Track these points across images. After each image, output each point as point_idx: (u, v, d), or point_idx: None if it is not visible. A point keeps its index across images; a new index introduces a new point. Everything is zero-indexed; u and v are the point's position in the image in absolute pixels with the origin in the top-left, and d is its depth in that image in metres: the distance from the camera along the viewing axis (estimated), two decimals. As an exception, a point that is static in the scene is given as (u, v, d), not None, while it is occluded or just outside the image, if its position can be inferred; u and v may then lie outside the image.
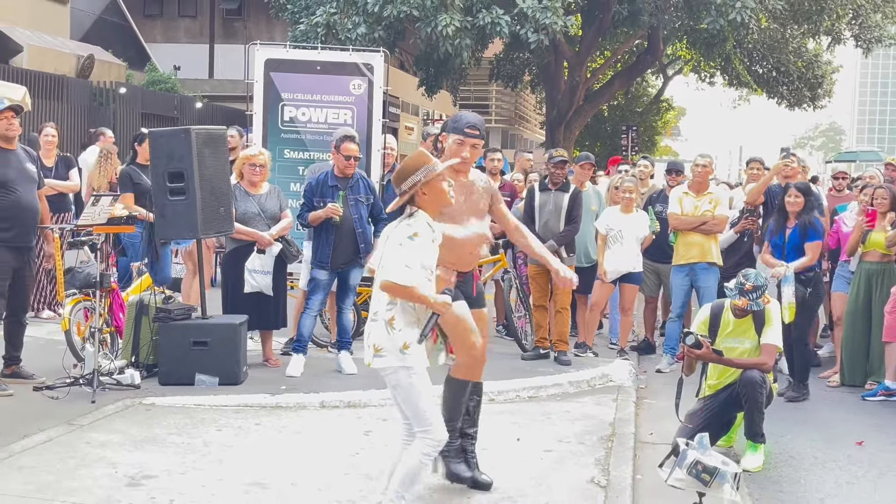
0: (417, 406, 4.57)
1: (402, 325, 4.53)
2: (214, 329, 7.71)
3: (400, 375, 4.53)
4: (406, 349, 4.52)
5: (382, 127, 11.03)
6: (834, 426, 7.58)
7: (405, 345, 4.52)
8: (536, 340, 9.31)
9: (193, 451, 6.00)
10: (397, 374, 4.53)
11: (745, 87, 33.67)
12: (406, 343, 4.52)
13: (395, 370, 4.53)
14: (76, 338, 7.81)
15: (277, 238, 8.29)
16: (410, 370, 4.52)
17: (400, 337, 4.52)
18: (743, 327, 6.48)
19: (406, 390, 4.55)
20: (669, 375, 9.02)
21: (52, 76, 20.02)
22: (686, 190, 9.34)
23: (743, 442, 6.51)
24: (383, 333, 4.54)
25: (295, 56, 11.60)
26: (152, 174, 7.90)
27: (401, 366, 4.52)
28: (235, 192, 8.33)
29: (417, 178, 4.55)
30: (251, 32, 30.47)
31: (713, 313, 6.62)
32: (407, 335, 4.53)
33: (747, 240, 9.74)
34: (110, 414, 6.71)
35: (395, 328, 4.52)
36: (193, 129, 7.78)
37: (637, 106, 39.78)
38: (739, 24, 20.91)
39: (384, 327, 4.54)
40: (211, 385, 7.55)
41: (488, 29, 20.09)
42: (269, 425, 6.71)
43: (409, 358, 4.52)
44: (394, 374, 4.54)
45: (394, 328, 4.52)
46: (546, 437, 6.68)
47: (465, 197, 5.37)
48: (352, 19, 20.06)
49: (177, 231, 7.85)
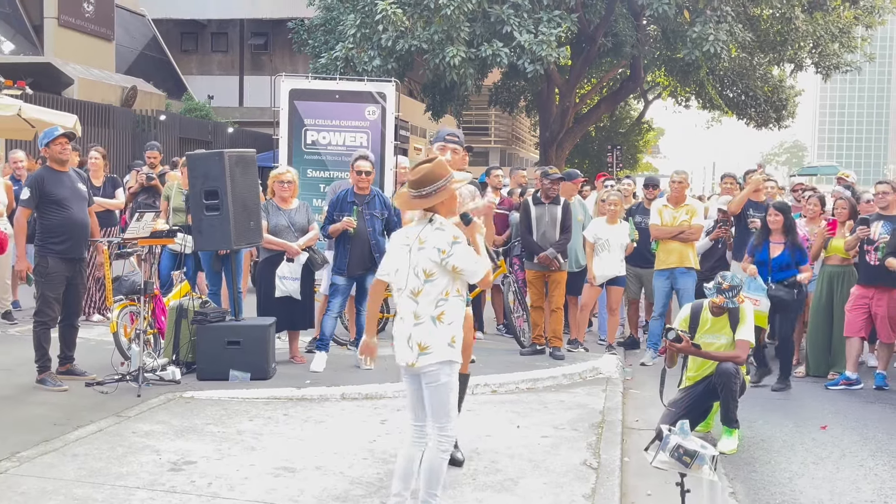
0: (448, 401, 4.36)
1: (452, 318, 4.36)
2: (246, 330, 7.71)
3: (444, 371, 4.32)
4: (454, 342, 4.35)
5: (394, 148, 11.04)
6: (801, 412, 7.56)
7: (453, 338, 4.35)
8: (533, 338, 9.29)
9: (228, 439, 6.00)
10: (442, 369, 4.32)
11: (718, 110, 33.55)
12: (454, 337, 4.35)
13: (441, 366, 4.32)
14: (123, 339, 7.82)
15: (305, 248, 8.31)
16: (454, 365, 4.36)
17: (448, 331, 4.34)
18: (719, 324, 6.47)
19: (445, 385, 4.34)
20: (652, 368, 9.01)
21: (100, 105, 20.08)
22: (665, 203, 9.34)
23: (719, 427, 6.50)
24: (431, 329, 4.32)
25: (316, 86, 11.65)
26: (190, 193, 7.91)
27: (448, 360, 4.33)
28: (268, 208, 8.36)
29: (443, 184, 4.40)
30: (276, 65, 30.53)
31: (693, 312, 6.61)
32: (455, 329, 4.36)
33: (721, 246, 9.76)
34: (154, 406, 6.72)
35: (444, 322, 4.34)
36: (226, 152, 7.79)
37: (621, 127, 39.74)
38: (712, 54, 20.91)
39: (431, 323, 4.32)
40: (243, 380, 7.55)
41: (489, 60, 20.12)
42: (295, 415, 6.71)
43: (454, 352, 4.36)
44: (438, 370, 4.32)
45: (442, 322, 4.33)
46: (543, 424, 6.66)
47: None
48: (367, 53, 20.11)
49: (213, 243, 7.85)
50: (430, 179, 4.39)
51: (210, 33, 34.04)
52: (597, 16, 23.11)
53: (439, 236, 4.36)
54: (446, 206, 4.47)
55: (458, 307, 4.41)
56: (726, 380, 6.26)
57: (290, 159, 11.02)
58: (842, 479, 5.83)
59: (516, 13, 20.14)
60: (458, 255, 4.33)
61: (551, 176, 9.24)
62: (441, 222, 4.42)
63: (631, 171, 39.39)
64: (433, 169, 4.42)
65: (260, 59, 33.59)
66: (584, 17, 22.52)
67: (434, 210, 4.44)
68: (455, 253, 4.32)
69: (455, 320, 4.38)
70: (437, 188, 4.38)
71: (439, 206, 4.44)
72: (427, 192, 4.39)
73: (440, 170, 4.43)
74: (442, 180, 4.39)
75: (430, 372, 4.34)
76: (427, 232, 4.40)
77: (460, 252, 4.33)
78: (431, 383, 4.35)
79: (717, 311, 6.43)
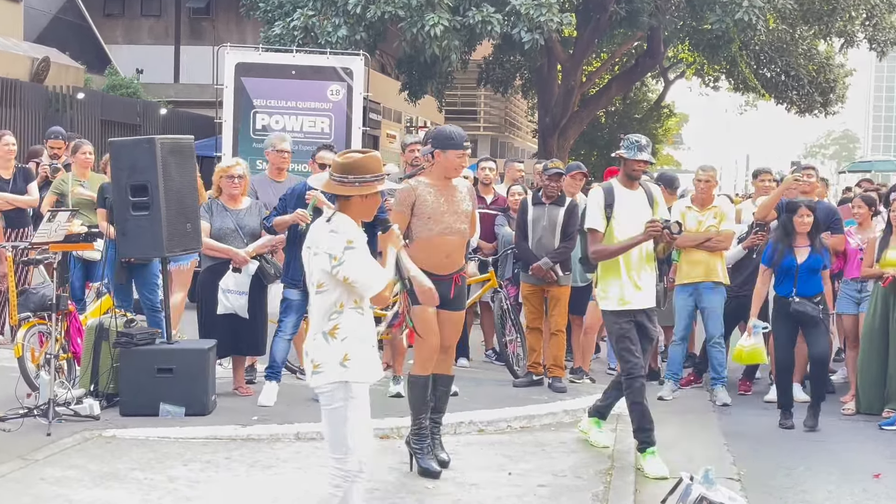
0: (342, 430, 4.49)
1: (347, 332, 4.50)
2: (180, 355, 7.69)
3: (337, 394, 4.47)
4: (346, 361, 4.47)
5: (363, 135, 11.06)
6: (849, 457, 7.61)
7: (346, 356, 4.47)
8: (529, 365, 9.31)
9: (157, 488, 5.98)
10: (334, 392, 4.47)
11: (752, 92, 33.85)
12: (347, 354, 4.47)
13: (334, 388, 4.47)
14: (30, 365, 7.76)
15: (255, 256, 8.27)
16: (348, 387, 4.46)
17: (341, 348, 4.48)
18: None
19: (337, 413, 4.48)
20: (672, 404, 9.05)
21: (4, 80, 19.96)
22: (689, 204, 9.38)
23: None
24: (323, 346, 4.50)
25: (268, 59, 11.68)
26: (114, 187, 7.88)
27: (339, 381, 4.46)
28: (213, 207, 8.34)
29: (371, 181, 4.58)
30: (220, 34, 30.47)
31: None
32: (349, 346, 4.49)
33: (756, 256, 9.76)
34: (67, 448, 6.67)
35: (336, 337, 4.49)
36: (158, 138, 7.78)
37: (636, 112, 39.95)
38: (746, 24, 21.04)
39: (323, 339, 4.51)
40: (177, 416, 7.52)
41: (478, 28, 20.13)
42: (240, 459, 6.69)
43: (349, 372, 4.47)
44: (330, 393, 4.48)
45: (335, 338, 4.49)
46: (540, 471, 6.68)
47: (445, 198, 6.51)
48: (332, 21, 20.09)
49: (140, 249, 7.83)
50: (360, 169, 4.57)
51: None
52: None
53: (332, 240, 4.48)
54: (362, 206, 4.61)
55: (357, 321, 4.55)
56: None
57: (236, 148, 11.02)
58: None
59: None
60: (350, 264, 4.46)
61: (550, 171, 9.27)
62: (338, 223, 4.53)
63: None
64: (367, 160, 4.61)
65: (200, 25, 33.53)
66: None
67: (346, 208, 4.57)
68: (346, 261, 4.45)
69: (350, 335, 4.50)
70: (363, 181, 4.55)
71: (355, 203, 4.58)
72: (348, 181, 4.55)
73: (375, 163, 4.64)
74: (373, 175, 4.58)
75: (323, 393, 4.52)
76: (321, 234, 4.54)
77: (353, 260, 4.46)
78: (325, 406, 4.53)
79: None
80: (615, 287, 7.08)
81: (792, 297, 8.29)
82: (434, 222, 6.49)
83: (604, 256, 7.14)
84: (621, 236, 7.06)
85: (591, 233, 7.19)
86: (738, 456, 7.49)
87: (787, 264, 8.39)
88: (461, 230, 6.60)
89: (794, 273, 8.34)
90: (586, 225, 7.27)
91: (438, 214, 6.49)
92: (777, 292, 8.50)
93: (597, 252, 7.17)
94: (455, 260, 6.61)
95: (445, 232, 6.50)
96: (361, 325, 4.57)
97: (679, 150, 58.60)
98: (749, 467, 7.16)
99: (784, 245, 8.47)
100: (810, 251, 8.37)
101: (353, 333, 4.52)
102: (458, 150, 6.49)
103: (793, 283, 8.32)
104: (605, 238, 7.09)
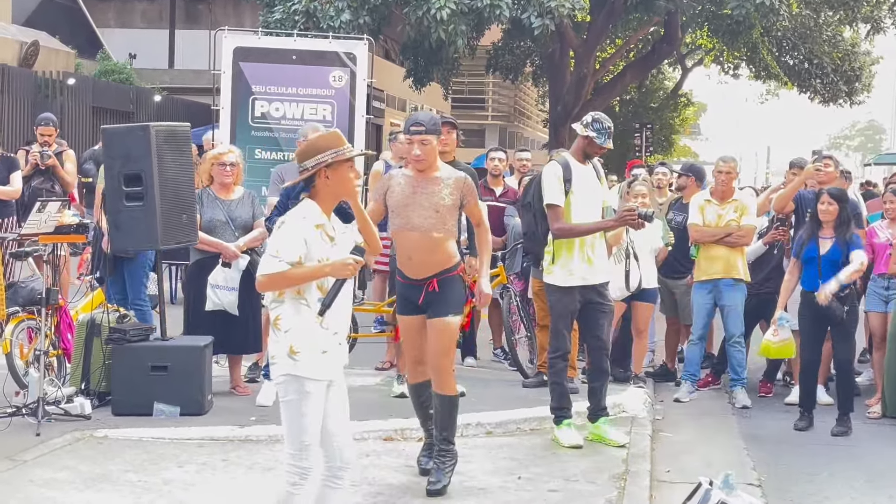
0: (298, 424, 4.47)
1: (290, 324, 4.46)
2: (175, 352, 7.70)
3: (288, 387, 4.45)
4: (294, 354, 4.43)
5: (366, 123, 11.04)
6: (875, 463, 7.60)
7: (291, 349, 4.43)
8: (539, 365, 9.31)
9: (151, 491, 5.99)
10: (287, 385, 4.46)
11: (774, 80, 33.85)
12: (293, 347, 4.43)
13: (286, 380, 4.46)
14: (18, 361, 7.79)
15: (245, 250, 8.26)
16: (300, 381, 4.43)
17: (286, 339, 4.44)
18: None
19: (290, 405, 4.46)
20: (689, 406, 9.06)
21: (-8, 65, 20.02)
22: (708, 197, 9.35)
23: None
24: (273, 338, 4.52)
25: (267, 44, 11.66)
26: (106, 177, 7.88)
27: (290, 374, 4.44)
28: (203, 198, 8.30)
29: (324, 159, 4.51)
30: (217, 17, 30.49)
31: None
32: (294, 337, 4.43)
33: (777, 252, 9.76)
34: (57, 448, 6.69)
35: (280, 329, 4.47)
36: (153, 125, 7.78)
37: (652, 101, 39.93)
38: (768, 8, 21.02)
39: (272, 330, 4.52)
40: (171, 416, 7.53)
41: (487, 12, 20.14)
42: (237, 461, 6.71)
43: (299, 365, 4.43)
44: (283, 385, 4.48)
45: (279, 329, 4.47)
46: (551, 476, 6.68)
47: (413, 189, 6.14)
48: (334, 5, 20.11)
49: (133, 241, 7.84)
50: (312, 151, 4.55)
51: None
52: (624, -40, 23.21)
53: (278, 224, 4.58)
54: (330, 185, 4.54)
55: (297, 311, 4.46)
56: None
57: (234, 136, 11.01)
58: (926, 547, 5.87)
59: (521, -46, 20.18)
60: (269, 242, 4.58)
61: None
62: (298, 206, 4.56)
63: (664, 156, 39.55)
64: (318, 140, 4.61)
65: (196, 8, 33.55)
66: (607, -39, 22.63)
67: (313, 194, 4.55)
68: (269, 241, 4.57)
69: (293, 327, 4.45)
70: (316, 163, 4.50)
71: (321, 184, 4.53)
72: (303, 167, 4.56)
73: (325, 141, 4.57)
74: (325, 153, 4.51)
75: (279, 385, 4.53)
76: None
77: (270, 241, 4.56)
78: (280, 399, 4.54)
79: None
80: (566, 262, 7.33)
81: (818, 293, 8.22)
82: (395, 215, 6.24)
83: (569, 235, 7.31)
84: (578, 211, 7.28)
85: (551, 209, 7.32)
86: (759, 461, 7.48)
87: (809, 255, 8.34)
88: (423, 226, 6.13)
89: (816, 265, 8.29)
90: (546, 200, 7.39)
91: (400, 207, 6.19)
92: (803, 287, 8.44)
93: (561, 230, 7.31)
94: (422, 262, 6.22)
95: (405, 227, 6.18)
96: (305, 316, 4.46)
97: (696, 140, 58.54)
98: (770, 473, 7.16)
99: (807, 235, 8.43)
100: (834, 242, 8.32)
101: (297, 325, 4.45)
102: (406, 135, 6.22)
103: (818, 276, 8.27)
104: (564, 213, 7.27)
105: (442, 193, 6.15)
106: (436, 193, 6.15)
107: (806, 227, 8.62)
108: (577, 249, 7.31)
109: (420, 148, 6.09)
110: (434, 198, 6.13)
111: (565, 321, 7.46)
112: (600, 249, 7.44)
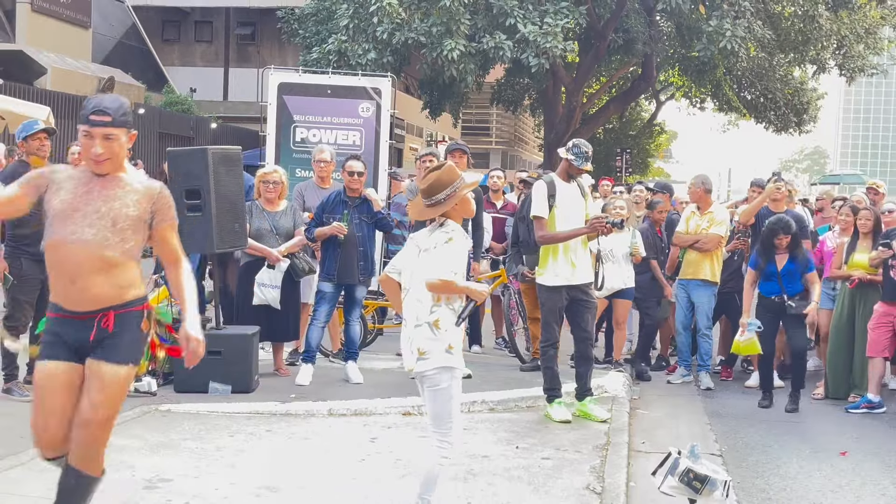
0: (447, 408, 4.59)
1: (448, 325, 4.57)
2: (228, 339, 7.71)
3: (443, 377, 4.55)
4: (451, 349, 4.56)
5: (389, 148, 11.05)
6: (819, 437, 7.58)
7: (450, 346, 4.55)
8: (534, 352, 9.30)
9: (207, 456, 6.00)
10: (440, 375, 4.55)
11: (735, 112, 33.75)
12: (451, 344, 4.56)
13: (439, 371, 4.55)
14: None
15: (287, 255, 8.31)
16: (453, 371, 4.57)
17: (446, 338, 4.55)
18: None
19: (444, 392, 4.57)
20: (662, 388, 9.03)
21: (75, 97, 20.07)
22: (694, 209, 9.43)
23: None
24: (428, 336, 4.56)
25: (307, 80, 11.66)
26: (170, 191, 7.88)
27: (445, 366, 4.55)
28: (252, 209, 8.35)
29: (453, 190, 4.62)
30: (264, 57, 30.57)
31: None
32: (452, 336, 4.57)
33: (737, 258, 9.76)
34: (129, 420, 6.70)
35: (441, 328, 4.55)
36: (210, 148, 7.80)
37: (631, 129, 39.86)
38: (729, 52, 21.00)
39: (429, 330, 4.56)
40: (224, 393, 7.55)
41: (491, 53, 20.19)
42: (279, 431, 6.72)
43: (452, 359, 4.57)
44: (437, 376, 4.55)
45: (440, 329, 4.55)
46: (544, 445, 6.67)
47: (86, 189, 3.92)
48: (362, 46, 20.16)
49: (193, 246, 7.83)
50: (440, 186, 4.63)
51: (193, 21, 34.11)
52: (607, 10, 23.19)
53: (437, 237, 4.62)
54: (458, 210, 4.70)
55: (450, 316, 4.60)
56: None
57: (278, 158, 11.03)
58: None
59: (521, 4, 20.20)
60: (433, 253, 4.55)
61: (528, 181, 9.39)
62: (450, 226, 4.65)
63: (641, 176, 39.47)
64: (440, 176, 4.66)
65: (246, 50, 33.66)
66: (593, 11, 22.59)
67: (447, 215, 4.67)
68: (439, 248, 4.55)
69: (450, 329, 4.58)
70: (448, 195, 4.62)
71: (451, 211, 4.67)
72: (436, 200, 4.63)
73: (449, 176, 4.67)
74: (450, 187, 4.63)
75: (428, 377, 4.57)
76: (437, 237, 4.64)
77: (440, 248, 4.55)
78: (432, 388, 4.58)
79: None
80: (553, 265, 7.39)
81: (783, 299, 8.28)
82: (58, 221, 3.93)
83: (550, 241, 7.38)
84: (562, 222, 7.33)
85: (536, 220, 7.41)
86: (720, 434, 7.48)
87: (769, 270, 8.40)
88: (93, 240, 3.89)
89: (776, 278, 8.34)
90: (532, 213, 7.47)
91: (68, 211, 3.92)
92: (761, 291, 8.49)
93: (544, 237, 7.41)
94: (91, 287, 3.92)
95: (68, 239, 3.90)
96: (453, 320, 4.62)
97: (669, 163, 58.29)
98: (729, 444, 7.15)
99: (764, 260, 8.43)
100: (788, 258, 8.36)
101: (452, 328, 4.58)
102: (85, 124, 3.89)
103: (775, 285, 8.34)
104: (548, 224, 7.32)
105: (134, 205, 4.02)
106: (118, 198, 3.97)
107: (760, 251, 8.52)
108: (561, 255, 7.37)
109: (103, 145, 3.90)
110: (121, 209, 3.96)
111: (554, 316, 7.45)
112: (583, 255, 7.47)
